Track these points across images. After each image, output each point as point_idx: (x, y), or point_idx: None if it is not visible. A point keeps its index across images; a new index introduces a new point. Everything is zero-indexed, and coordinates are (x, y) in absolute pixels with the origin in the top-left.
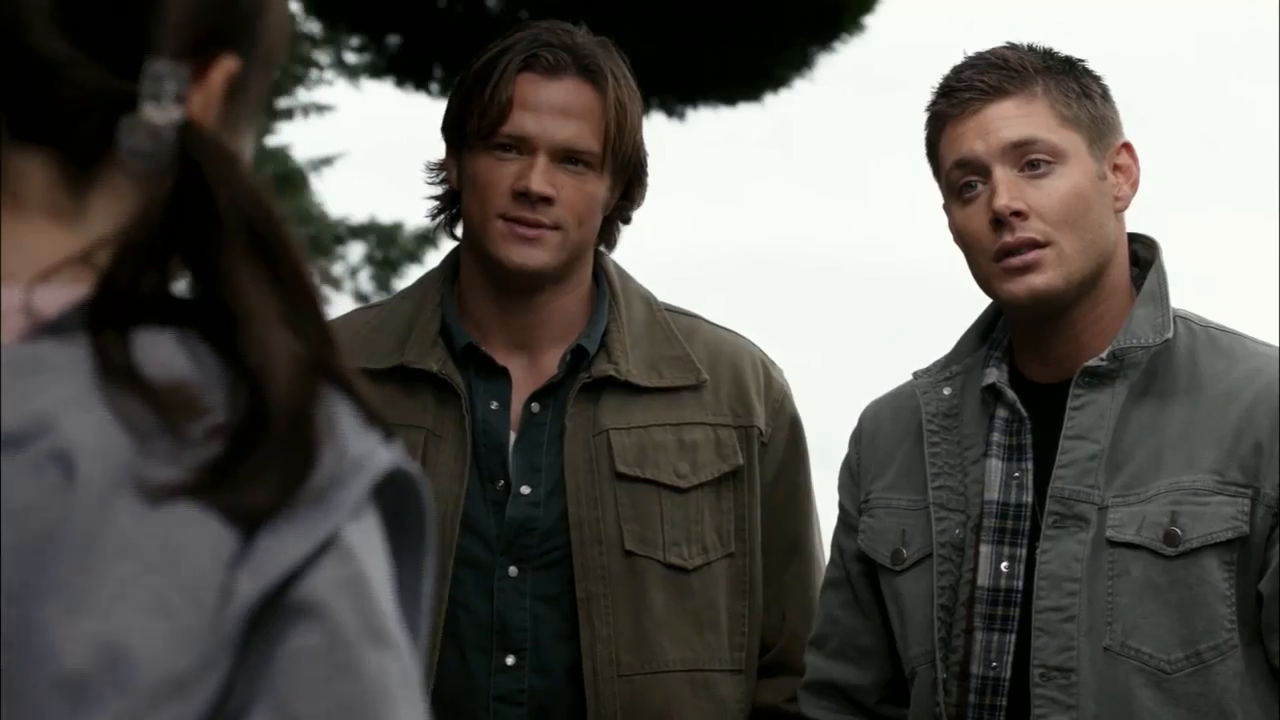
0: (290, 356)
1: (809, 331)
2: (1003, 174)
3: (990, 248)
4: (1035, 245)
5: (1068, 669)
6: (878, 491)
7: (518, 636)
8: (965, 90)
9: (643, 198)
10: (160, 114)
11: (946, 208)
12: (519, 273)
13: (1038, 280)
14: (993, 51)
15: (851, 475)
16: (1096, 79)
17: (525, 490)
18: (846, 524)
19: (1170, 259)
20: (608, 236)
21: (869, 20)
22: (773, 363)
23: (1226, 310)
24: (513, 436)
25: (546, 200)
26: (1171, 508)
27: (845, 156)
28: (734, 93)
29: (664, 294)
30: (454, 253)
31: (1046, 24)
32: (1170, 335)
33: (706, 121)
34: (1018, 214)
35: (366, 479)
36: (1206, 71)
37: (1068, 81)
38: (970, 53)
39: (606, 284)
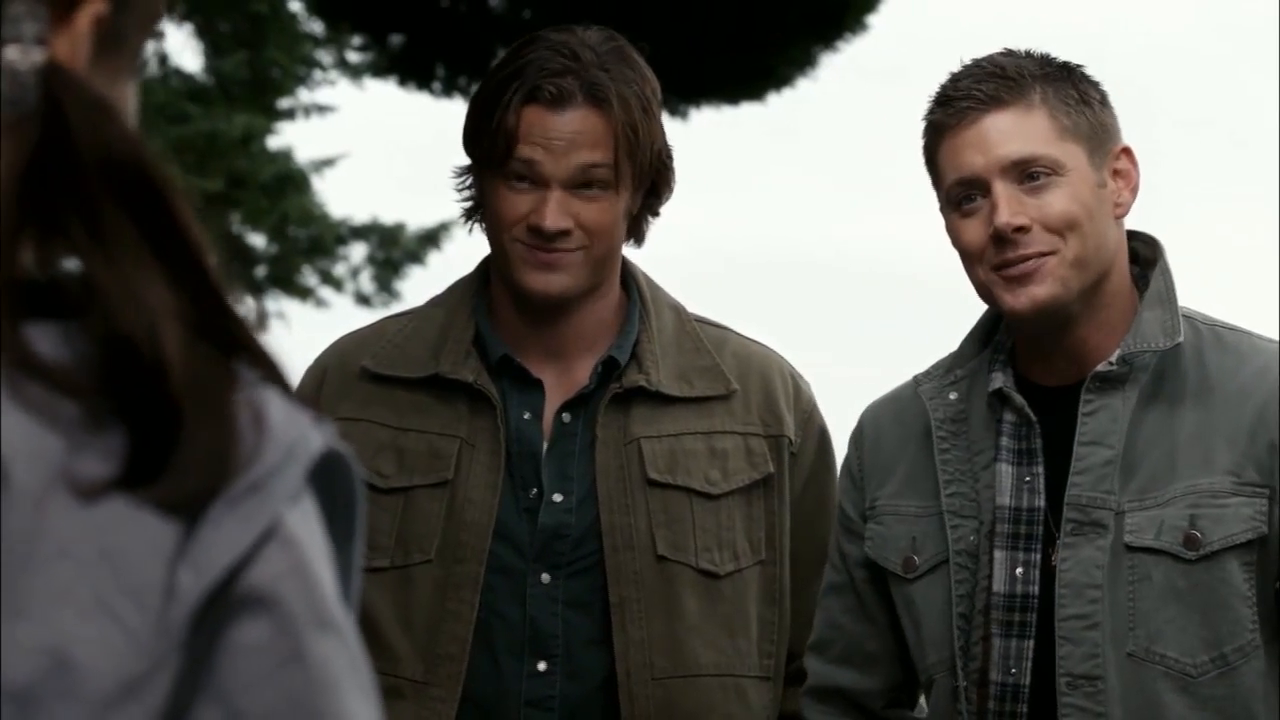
0: (178, 327)
1: (817, 330)
2: (1003, 189)
3: (991, 260)
4: (1038, 255)
5: (1094, 676)
6: (884, 498)
7: (549, 642)
8: (962, 99)
9: (671, 191)
10: (21, 56)
11: (945, 215)
12: (541, 297)
13: (1039, 291)
14: (989, 59)
15: (854, 481)
16: (1094, 85)
17: (558, 498)
18: (849, 529)
19: (1186, 253)
20: (636, 231)
21: (872, 19)
22: (800, 375)
23: (1241, 306)
24: (545, 446)
25: (564, 233)
26: (1190, 511)
27: (852, 154)
28: (737, 92)
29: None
30: (485, 262)
31: (1053, 19)
32: (1181, 339)
33: (710, 120)
34: (1020, 229)
35: (302, 464)
36: (1226, 65)
37: (1066, 88)
38: (967, 60)
39: (638, 294)
